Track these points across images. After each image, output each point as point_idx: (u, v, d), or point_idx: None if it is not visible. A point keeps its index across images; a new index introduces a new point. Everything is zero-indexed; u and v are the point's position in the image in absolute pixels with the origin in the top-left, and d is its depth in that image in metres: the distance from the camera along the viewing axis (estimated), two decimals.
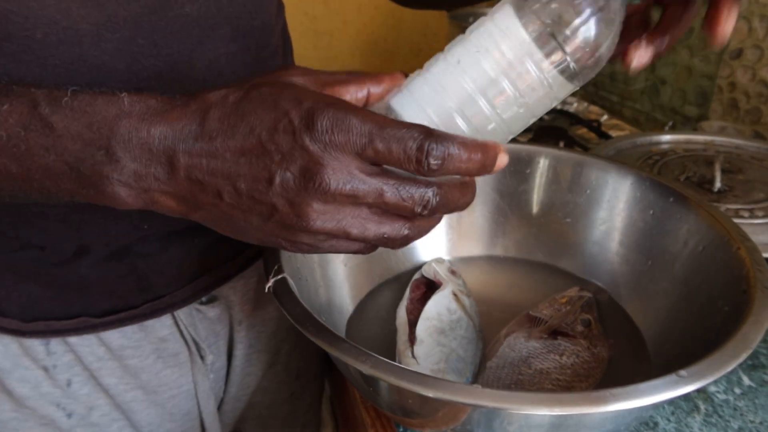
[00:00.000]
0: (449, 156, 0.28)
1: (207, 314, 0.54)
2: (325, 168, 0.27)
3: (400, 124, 0.28)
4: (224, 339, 0.57)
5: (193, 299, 0.53)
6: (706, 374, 0.31)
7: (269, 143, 0.28)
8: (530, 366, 0.44)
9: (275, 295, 0.38)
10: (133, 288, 0.49)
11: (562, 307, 0.49)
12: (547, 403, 0.30)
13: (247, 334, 0.58)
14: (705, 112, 0.88)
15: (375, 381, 0.35)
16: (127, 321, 0.50)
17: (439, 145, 0.28)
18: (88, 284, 0.47)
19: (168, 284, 0.51)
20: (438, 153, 0.28)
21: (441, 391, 0.30)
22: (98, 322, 0.49)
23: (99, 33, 0.38)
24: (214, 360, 0.56)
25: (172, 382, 0.54)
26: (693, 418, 0.43)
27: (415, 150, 0.27)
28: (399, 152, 0.27)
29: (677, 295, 0.46)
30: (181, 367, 0.54)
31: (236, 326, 0.57)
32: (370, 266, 0.54)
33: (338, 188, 0.28)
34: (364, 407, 0.45)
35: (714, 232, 0.45)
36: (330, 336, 0.34)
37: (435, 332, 0.47)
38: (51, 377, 0.49)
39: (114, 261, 0.47)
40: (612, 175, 0.54)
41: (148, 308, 0.50)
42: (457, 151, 0.28)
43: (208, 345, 0.55)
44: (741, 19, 0.81)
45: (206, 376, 0.56)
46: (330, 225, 0.29)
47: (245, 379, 0.60)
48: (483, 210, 0.58)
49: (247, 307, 0.57)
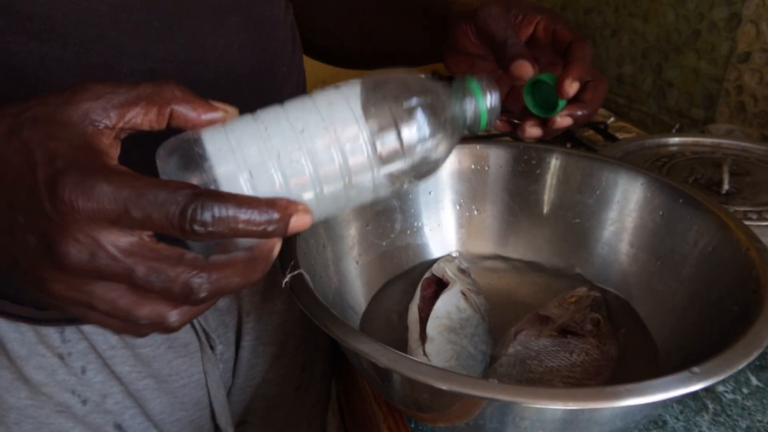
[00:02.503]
0: (220, 219, 0.24)
1: (217, 304, 0.55)
2: (66, 240, 0.24)
3: (164, 186, 0.24)
4: (233, 330, 0.58)
5: None
6: (719, 371, 0.31)
7: (14, 199, 0.25)
8: (541, 363, 0.45)
9: (292, 290, 0.38)
10: None
11: (572, 306, 0.50)
12: (562, 397, 0.30)
13: (254, 325, 0.59)
14: (712, 114, 0.89)
15: (390, 375, 0.35)
16: None
17: (208, 206, 0.24)
18: None
19: None
20: (206, 217, 0.24)
21: (458, 385, 0.30)
22: None
23: (116, 14, 0.40)
24: (224, 350, 0.57)
25: (183, 371, 0.54)
26: (702, 417, 0.44)
27: (177, 215, 0.24)
28: (161, 219, 0.24)
29: (686, 296, 0.47)
30: (192, 356, 0.54)
31: (244, 317, 0.58)
32: (381, 263, 0.55)
33: (79, 264, 0.24)
34: (376, 402, 0.45)
35: (724, 233, 0.46)
36: (347, 331, 0.34)
37: (445, 330, 0.47)
38: (66, 365, 0.50)
39: None
40: (622, 176, 0.54)
41: None
42: (233, 211, 0.25)
43: (218, 335, 0.56)
44: (748, 23, 0.81)
45: (216, 366, 0.56)
46: (74, 294, 0.26)
47: (252, 371, 0.61)
48: (493, 210, 0.59)
49: (255, 299, 0.58)
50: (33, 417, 0.49)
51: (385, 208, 0.55)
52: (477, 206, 0.59)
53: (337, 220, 0.52)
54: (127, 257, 0.25)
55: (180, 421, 0.56)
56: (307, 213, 0.27)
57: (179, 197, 0.24)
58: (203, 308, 0.28)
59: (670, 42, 0.94)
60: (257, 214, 0.25)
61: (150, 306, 0.26)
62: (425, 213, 0.58)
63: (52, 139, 0.26)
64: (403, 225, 0.57)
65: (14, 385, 0.49)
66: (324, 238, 0.49)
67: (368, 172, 0.30)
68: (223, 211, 0.24)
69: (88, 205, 0.24)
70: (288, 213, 0.26)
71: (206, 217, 0.24)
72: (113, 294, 0.26)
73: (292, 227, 0.27)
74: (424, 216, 0.58)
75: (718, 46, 0.86)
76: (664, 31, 0.95)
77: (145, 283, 0.25)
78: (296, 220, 0.26)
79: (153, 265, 0.25)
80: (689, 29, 0.91)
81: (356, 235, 0.53)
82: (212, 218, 0.24)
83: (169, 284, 0.25)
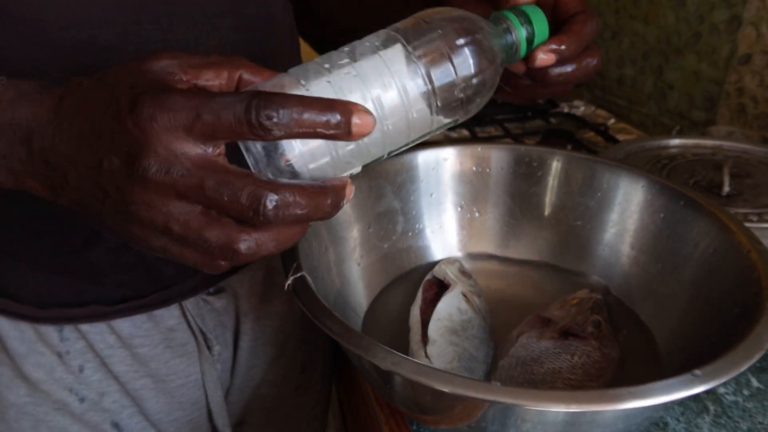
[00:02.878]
0: (284, 112, 0.26)
1: (214, 305, 0.55)
2: (147, 153, 0.26)
3: (229, 93, 0.27)
4: (231, 330, 0.58)
5: (201, 289, 0.54)
6: (721, 374, 0.32)
7: (100, 128, 0.28)
8: (542, 365, 0.45)
9: (294, 292, 0.38)
10: (143, 277, 0.50)
11: (573, 308, 0.50)
12: (564, 400, 0.30)
13: (253, 326, 0.59)
14: (713, 117, 0.89)
15: (392, 377, 0.35)
16: (137, 310, 0.51)
17: (270, 100, 0.26)
18: (100, 273, 0.48)
19: (176, 274, 0.51)
20: (269, 109, 0.26)
21: (460, 388, 0.31)
22: (109, 311, 0.50)
23: (108, 17, 0.40)
24: (221, 351, 0.57)
25: (181, 371, 0.55)
26: (702, 419, 0.44)
27: (243, 111, 0.26)
28: (229, 118, 0.26)
29: (688, 298, 0.47)
30: (189, 356, 0.55)
31: (242, 318, 0.58)
32: (383, 265, 0.55)
33: (158, 177, 0.26)
34: (378, 405, 0.45)
35: (725, 235, 0.46)
36: (350, 333, 0.34)
37: (447, 332, 0.48)
38: (64, 363, 0.50)
39: (124, 250, 0.48)
40: (623, 178, 0.54)
41: (156, 297, 0.51)
42: (295, 104, 0.26)
43: (216, 336, 0.56)
44: (749, 25, 0.81)
45: (213, 366, 0.56)
46: (153, 215, 0.27)
47: (250, 371, 0.61)
48: (494, 212, 0.59)
49: (254, 300, 0.58)
50: (32, 414, 0.50)
51: (386, 210, 0.56)
52: (478, 208, 0.59)
53: (339, 221, 0.52)
54: (198, 169, 0.27)
55: (177, 421, 0.56)
56: (368, 114, 0.28)
57: (244, 96, 0.26)
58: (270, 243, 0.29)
59: (671, 44, 0.95)
60: (319, 109, 0.27)
61: (220, 228, 0.28)
62: (427, 215, 0.58)
63: (134, 76, 0.28)
64: (404, 227, 0.57)
65: (14, 383, 0.49)
66: (326, 240, 0.49)
67: (426, 107, 0.32)
68: (286, 104, 0.26)
69: (165, 115, 0.26)
70: (348, 109, 0.27)
71: (270, 109, 0.26)
72: (187, 215, 0.27)
73: (356, 127, 0.27)
74: (425, 218, 0.58)
75: (719, 48, 0.86)
76: (665, 33, 0.95)
77: (215, 194, 0.27)
78: (358, 119, 0.27)
79: (223, 178, 0.27)
80: (690, 31, 0.91)
81: (358, 237, 0.53)
82: (276, 110, 0.26)
83: (238, 195, 0.27)
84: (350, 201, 0.52)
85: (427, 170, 0.57)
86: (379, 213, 0.55)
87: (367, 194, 0.54)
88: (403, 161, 0.56)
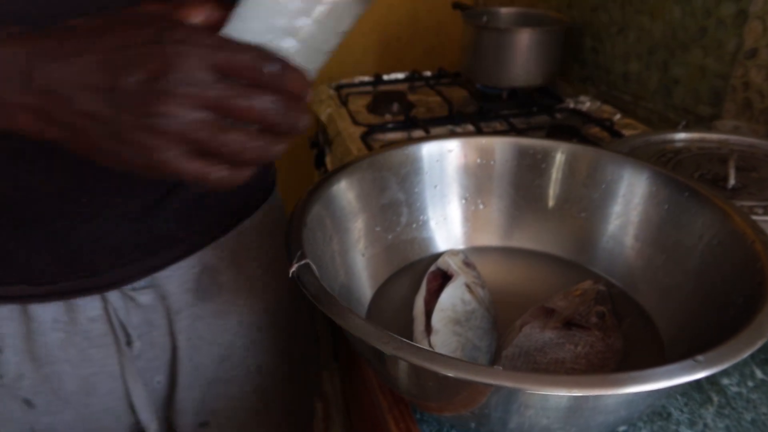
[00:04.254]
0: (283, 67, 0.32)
1: (138, 300, 0.55)
2: (175, 68, 0.30)
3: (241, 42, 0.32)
4: (162, 330, 0.57)
5: (123, 284, 0.53)
6: (723, 360, 0.32)
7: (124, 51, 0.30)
8: (545, 355, 0.45)
9: (299, 280, 0.38)
10: (58, 264, 0.50)
11: (576, 299, 0.50)
12: (566, 384, 0.30)
13: (191, 323, 0.58)
14: (718, 111, 0.88)
15: (396, 363, 0.36)
16: (54, 297, 0.52)
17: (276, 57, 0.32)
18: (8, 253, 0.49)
19: (96, 266, 0.52)
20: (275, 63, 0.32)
21: (463, 372, 0.31)
22: (26, 294, 0.51)
23: None
24: (143, 348, 0.57)
25: (97, 361, 0.55)
26: (706, 409, 0.44)
27: (257, 57, 0.31)
28: (244, 58, 0.31)
29: (692, 289, 0.47)
30: (107, 348, 0.55)
31: (174, 316, 0.57)
32: (387, 256, 0.55)
33: (183, 88, 0.30)
34: (381, 393, 0.46)
35: (729, 227, 0.46)
36: (354, 319, 0.35)
37: (450, 322, 0.48)
38: None
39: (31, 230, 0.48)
40: (627, 170, 0.54)
41: (73, 286, 0.52)
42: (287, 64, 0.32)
43: (140, 333, 0.56)
44: (755, 19, 0.81)
45: (132, 362, 0.56)
46: (175, 124, 0.30)
47: (197, 370, 0.60)
48: (498, 204, 0.59)
49: (186, 297, 0.57)
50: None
51: (391, 202, 0.56)
52: (482, 200, 0.59)
53: (343, 212, 0.52)
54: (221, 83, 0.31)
55: (93, 406, 0.57)
56: None
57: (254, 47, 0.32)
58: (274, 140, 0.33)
59: (677, 39, 0.94)
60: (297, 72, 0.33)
61: (234, 134, 0.32)
62: (431, 207, 0.58)
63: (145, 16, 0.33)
64: (408, 218, 0.57)
65: None
66: (330, 230, 0.50)
67: None
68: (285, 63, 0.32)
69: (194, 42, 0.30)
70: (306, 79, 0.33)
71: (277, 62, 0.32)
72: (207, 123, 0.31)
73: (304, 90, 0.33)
74: (429, 210, 0.58)
75: (725, 42, 0.86)
76: (671, 28, 0.95)
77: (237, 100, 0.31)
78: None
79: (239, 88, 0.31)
80: (696, 26, 0.91)
81: (362, 228, 0.54)
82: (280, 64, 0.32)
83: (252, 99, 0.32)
84: (355, 192, 0.53)
85: (432, 162, 0.57)
86: (383, 204, 0.55)
87: (372, 185, 0.54)
88: (408, 153, 0.57)
